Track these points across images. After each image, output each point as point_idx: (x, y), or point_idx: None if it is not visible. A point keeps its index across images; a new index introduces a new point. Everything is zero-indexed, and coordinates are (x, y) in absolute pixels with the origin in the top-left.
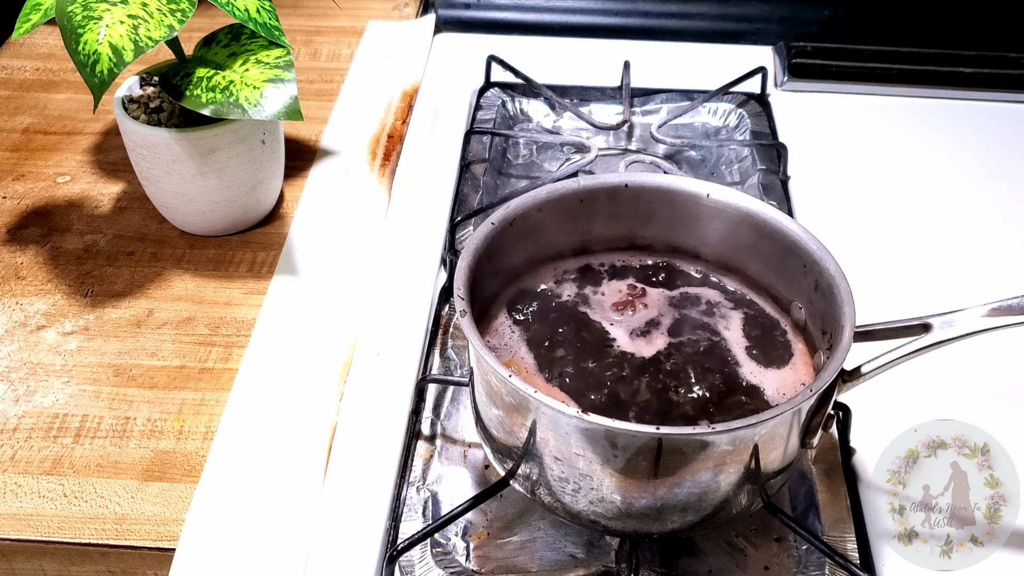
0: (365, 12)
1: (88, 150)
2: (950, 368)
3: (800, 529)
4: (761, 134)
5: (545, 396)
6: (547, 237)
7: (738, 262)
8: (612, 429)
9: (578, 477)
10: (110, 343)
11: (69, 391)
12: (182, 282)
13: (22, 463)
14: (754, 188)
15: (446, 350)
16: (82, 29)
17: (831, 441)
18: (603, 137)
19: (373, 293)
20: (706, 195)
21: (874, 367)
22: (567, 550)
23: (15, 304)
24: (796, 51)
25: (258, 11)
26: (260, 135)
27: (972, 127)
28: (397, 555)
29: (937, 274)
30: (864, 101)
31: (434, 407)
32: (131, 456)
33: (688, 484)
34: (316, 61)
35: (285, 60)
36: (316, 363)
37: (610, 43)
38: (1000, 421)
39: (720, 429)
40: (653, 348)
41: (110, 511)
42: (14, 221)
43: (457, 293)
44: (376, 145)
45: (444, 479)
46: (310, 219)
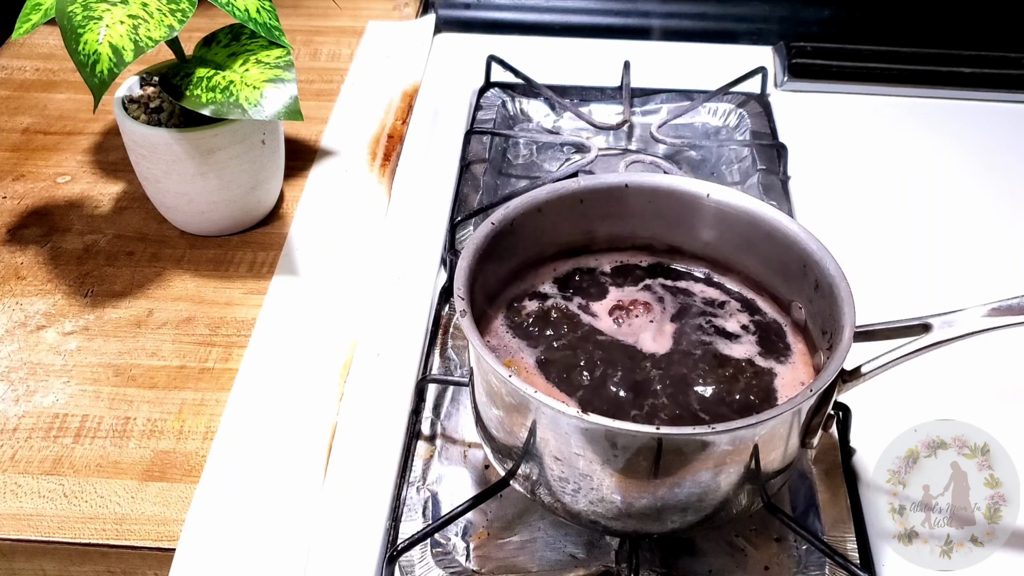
0: (365, 12)
1: (88, 150)
2: (950, 368)
3: (800, 529)
4: (761, 134)
5: (545, 396)
6: (547, 237)
7: (738, 262)
8: (612, 429)
9: (578, 477)
10: (110, 343)
11: (69, 391)
12: (182, 282)
13: (22, 463)
14: (754, 188)
15: (446, 350)
16: (82, 29)
17: (831, 441)
18: (603, 137)
19: (373, 293)
20: (706, 195)
21: (874, 367)
22: (567, 550)
23: (15, 304)
24: (796, 51)
25: (258, 11)
26: (260, 135)
27: (972, 127)
28: (397, 555)
29: (937, 274)
30: (864, 101)
31: (434, 407)
32: (131, 456)
33: (688, 484)
34: (316, 61)
35: (285, 60)
36: (316, 363)
37: (610, 43)
38: (1000, 421)
39: (720, 429)
40: (653, 348)
41: (110, 511)
42: (14, 221)
43: (457, 293)
44: (376, 145)
45: (444, 479)
46: (310, 219)
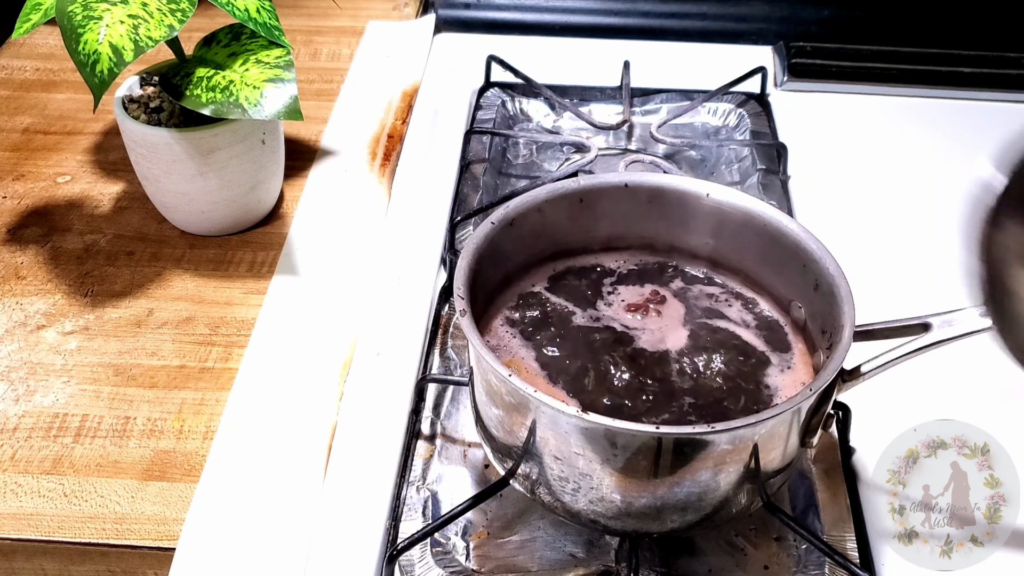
0: (365, 12)
1: (88, 150)
2: (950, 368)
3: (800, 528)
4: (761, 134)
5: (545, 395)
6: (547, 237)
7: (738, 261)
8: (611, 428)
9: (578, 476)
10: (110, 343)
11: (69, 391)
12: (182, 282)
13: (22, 463)
14: (754, 188)
15: (446, 350)
16: (82, 29)
17: (831, 440)
18: (603, 137)
19: (373, 293)
20: (706, 195)
21: (874, 367)
22: (567, 549)
23: (15, 304)
24: (796, 51)
25: (258, 11)
26: (260, 135)
27: (972, 127)
28: (397, 554)
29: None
30: (864, 101)
31: (434, 407)
32: (131, 456)
33: (688, 483)
34: (316, 61)
35: (285, 60)
36: (316, 363)
37: (610, 43)
38: (1000, 421)
39: (719, 428)
40: (652, 348)
41: (110, 511)
42: (14, 221)
43: (457, 293)
44: (376, 145)
45: (444, 478)
46: (310, 219)
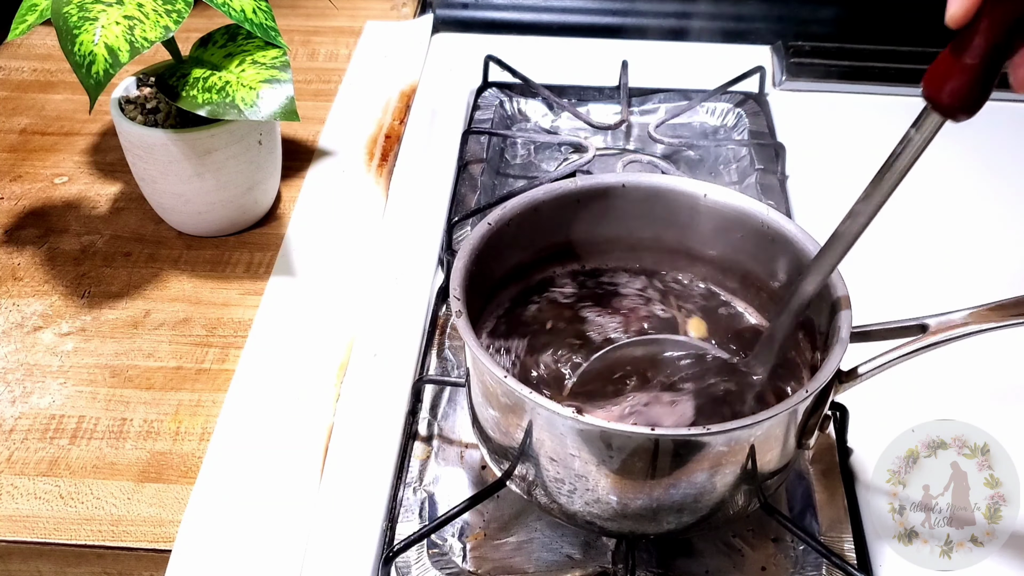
0: (363, 12)
1: (85, 151)
2: (950, 368)
3: (797, 529)
4: (759, 134)
5: (541, 397)
6: (544, 237)
7: (735, 262)
8: (607, 430)
9: (574, 478)
10: (107, 344)
11: (66, 392)
12: (179, 283)
13: (18, 464)
14: (752, 188)
15: (443, 351)
16: (78, 30)
17: (828, 441)
18: (601, 137)
19: (370, 294)
20: (703, 195)
21: (871, 368)
22: (563, 551)
23: (12, 305)
24: (794, 50)
25: (254, 11)
26: (257, 135)
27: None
28: (393, 556)
29: (935, 274)
30: (862, 101)
31: (431, 408)
32: (127, 457)
33: (684, 485)
34: (314, 61)
35: (281, 60)
36: (313, 364)
37: (608, 43)
38: (1000, 421)
39: (715, 430)
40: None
41: (106, 512)
42: (11, 222)
43: (453, 294)
44: (374, 145)
45: (441, 480)
46: (307, 220)
